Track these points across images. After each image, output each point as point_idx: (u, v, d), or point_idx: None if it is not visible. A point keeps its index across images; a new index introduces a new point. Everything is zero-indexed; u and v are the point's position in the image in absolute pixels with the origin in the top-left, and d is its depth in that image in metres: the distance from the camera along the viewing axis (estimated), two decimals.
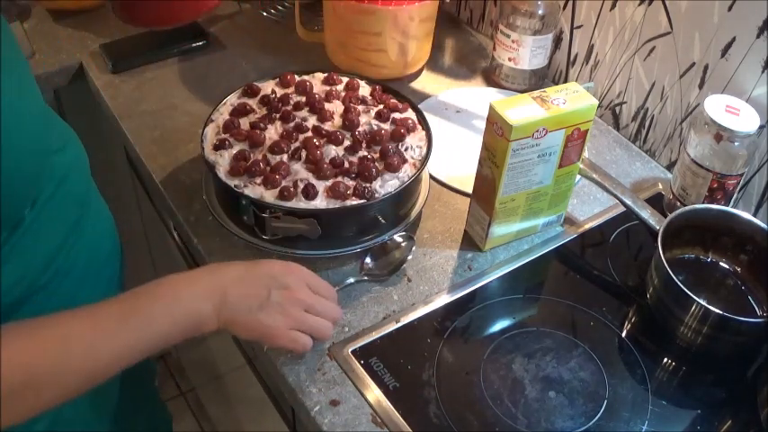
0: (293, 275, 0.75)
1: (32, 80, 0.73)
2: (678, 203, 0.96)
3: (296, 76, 1.00)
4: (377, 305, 0.85)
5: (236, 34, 1.31)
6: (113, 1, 1.04)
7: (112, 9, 1.07)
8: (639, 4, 1.04)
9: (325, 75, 1.01)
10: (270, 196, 0.83)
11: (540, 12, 1.11)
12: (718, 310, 0.78)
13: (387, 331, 0.82)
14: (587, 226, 0.98)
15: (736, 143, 0.89)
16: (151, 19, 1.09)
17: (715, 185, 0.92)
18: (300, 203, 0.83)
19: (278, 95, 0.96)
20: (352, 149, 0.89)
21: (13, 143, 0.64)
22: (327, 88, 0.99)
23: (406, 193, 0.90)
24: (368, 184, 0.85)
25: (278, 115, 0.93)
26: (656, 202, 1.00)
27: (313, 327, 0.75)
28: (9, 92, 0.64)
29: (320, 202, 0.83)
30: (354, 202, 0.84)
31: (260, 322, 0.72)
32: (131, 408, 1.01)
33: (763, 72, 0.91)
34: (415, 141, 0.92)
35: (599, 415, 0.76)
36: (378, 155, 0.88)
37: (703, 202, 0.94)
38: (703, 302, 0.79)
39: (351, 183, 0.85)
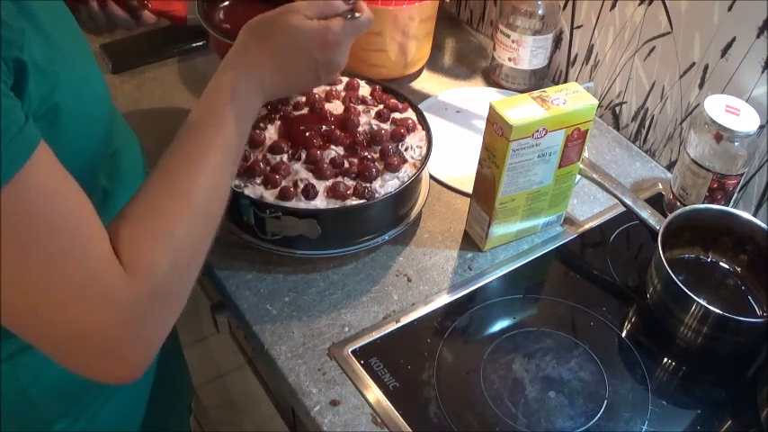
0: (329, 48, 0.76)
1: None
2: (678, 203, 0.96)
3: None
4: (377, 305, 0.85)
5: None
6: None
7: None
8: (639, 4, 1.04)
9: None
10: (270, 196, 0.83)
11: (540, 12, 1.11)
12: (718, 310, 0.78)
13: (387, 331, 0.82)
14: (587, 226, 0.98)
15: (736, 143, 0.89)
16: None
17: (715, 185, 0.92)
18: (300, 203, 0.83)
19: None
20: (352, 149, 0.89)
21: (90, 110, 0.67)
22: (327, 88, 0.99)
23: (406, 193, 0.90)
24: (368, 184, 0.85)
25: (278, 115, 0.93)
26: (656, 202, 1.00)
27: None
28: (87, 60, 0.71)
29: (320, 202, 0.83)
30: (354, 202, 0.84)
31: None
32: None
33: (763, 72, 0.91)
34: (415, 141, 0.92)
35: (599, 415, 0.76)
36: (378, 155, 0.88)
37: (703, 202, 0.94)
38: (703, 302, 0.79)
39: (351, 183, 0.85)
